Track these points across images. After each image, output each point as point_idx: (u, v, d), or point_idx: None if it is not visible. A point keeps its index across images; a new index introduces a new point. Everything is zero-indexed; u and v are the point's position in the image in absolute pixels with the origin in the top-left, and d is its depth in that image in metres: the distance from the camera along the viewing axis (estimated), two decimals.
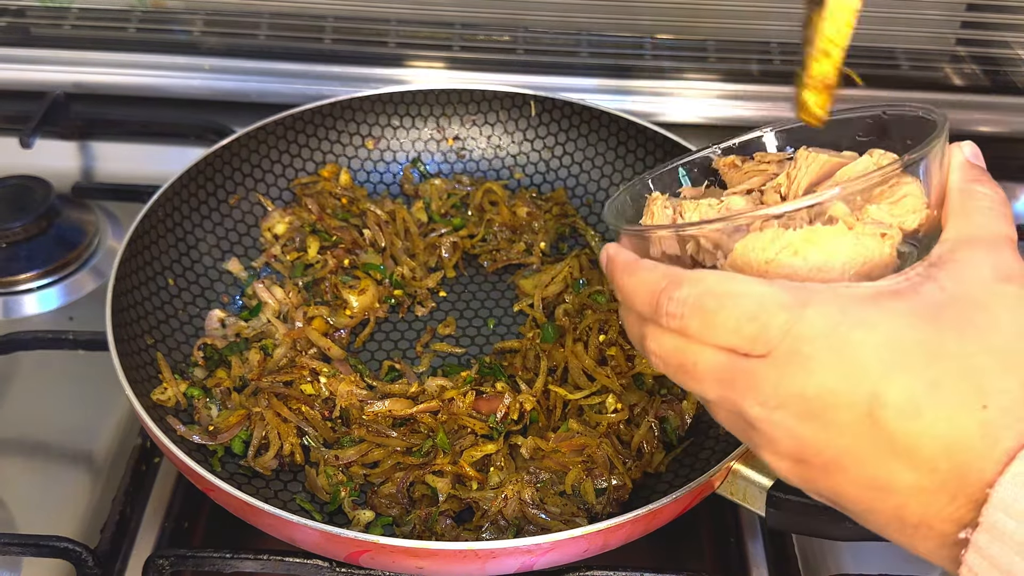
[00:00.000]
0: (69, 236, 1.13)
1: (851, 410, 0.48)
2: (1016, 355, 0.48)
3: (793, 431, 0.50)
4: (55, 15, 1.33)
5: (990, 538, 0.45)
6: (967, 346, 0.48)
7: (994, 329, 0.49)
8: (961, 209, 0.55)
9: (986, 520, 0.45)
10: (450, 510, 0.81)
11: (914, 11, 1.28)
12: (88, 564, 0.80)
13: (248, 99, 1.29)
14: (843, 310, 0.49)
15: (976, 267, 0.51)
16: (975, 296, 0.50)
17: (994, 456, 0.46)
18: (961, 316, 0.49)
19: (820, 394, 0.49)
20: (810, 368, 0.49)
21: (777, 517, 0.75)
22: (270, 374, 0.89)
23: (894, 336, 0.48)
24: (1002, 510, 0.45)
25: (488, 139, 1.15)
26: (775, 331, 0.50)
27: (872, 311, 0.49)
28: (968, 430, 0.47)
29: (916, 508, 0.49)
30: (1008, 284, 0.51)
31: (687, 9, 1.27)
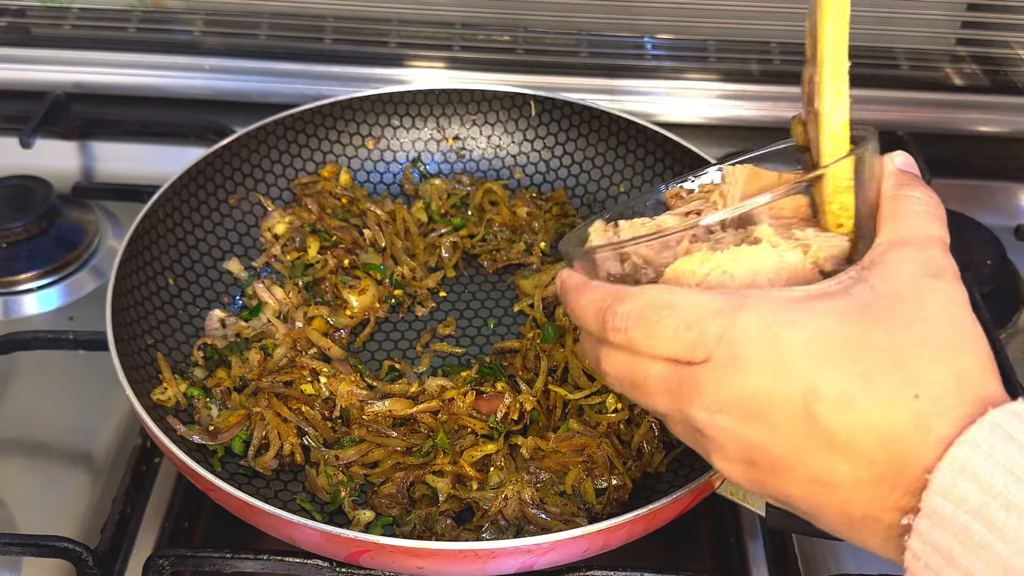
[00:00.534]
0: (69, 236, 1.13)
1: (788, 407, 0.50)
2: (946, 344, 0.49)
3: (737, 434, 0.52)
4: (55, 15, 1.33)
5: (931, 523, 0.46)
6: (896, 338, 0.49)
7: (923, 321, 0.50)
8: (892, 214, 0.56)
9: (926, 506, 0.46)
10: (450, 510, 0.81)
11: (914, 11, 1.28)
12: (88, 564, 0.80)
13: (248, 99, 1.29)
14: (774, 312, 0.51)
15: (906, 265, 0.53)
16: (904, 292, 0.51)
17: (929, 443, 0.47)
18: (890, 311, 0.50)
19: (757, 394, 0.50)
20: (746, 369, 0.50)
21: (777, 517, 0.75)
22: (270, 374, 0.89)
23: (824, 332, 0.50)
24: (940, 495, 0.46)
25: (488, 139, 1.15)
26: (711, 337, 0.51)
27: (802, 311, 0.51)
28: (901, 420, 0.48)
29: (860, 502, 0.50)
30: (938, 280, 0.52)
31: (687, 9, 1.27)
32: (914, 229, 0.55)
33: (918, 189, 0.58)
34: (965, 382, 0.49)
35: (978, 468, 0.45)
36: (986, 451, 0.46)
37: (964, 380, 0.49)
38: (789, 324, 0.50)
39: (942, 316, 0.50)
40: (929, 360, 0.49)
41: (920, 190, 0.58)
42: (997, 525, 0.44)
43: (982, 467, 0.45)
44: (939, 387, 0.48)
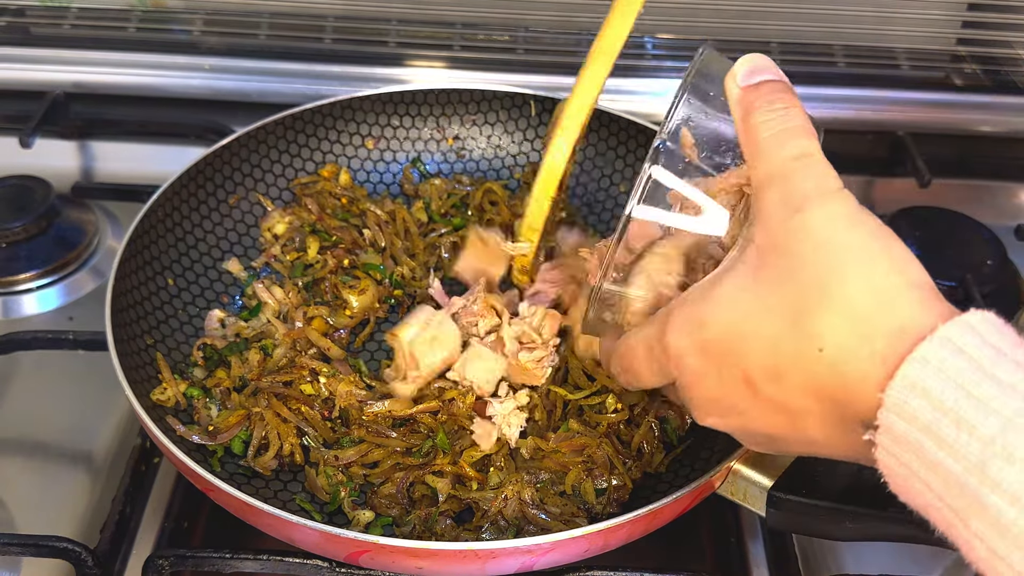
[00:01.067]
0: (69, 236, 1.13)
1: (742, 397, 0.55)
2: (826, 283, 0.50)
3: (729, 428, 0.59)
4: (55, 15, 1.33)
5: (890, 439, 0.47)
6: (785, 294, 0.51)
7: (801, 267, 0.51)
8: (749, 151, 0.56)
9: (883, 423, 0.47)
10: (450, 510, 0.81)
11: (915, 11, 1.28)
12: (88, 564, 0.79)
13: (248, 99, 1.29)
14: (687, 319, 0.56)
15: (772, 210, 0.53)
16: (778, 243, 0.52)
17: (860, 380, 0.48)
18: (774, 267, 0.52)
19: (718, 396, 0.56)
20: (698, 380, 0.57)
21: (777, 517, 0.74)
22: (270, 374, 0.89)
23: (729, 317, 0.54)
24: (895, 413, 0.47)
25: (488, 139, 1.15)
26: (665, 365, 0.59)
27: (708, 305, 0.55)
28: (822, 376, 0.50)
29: (839, 444, 0.53)
30: (800, 214, 0.52)
31: (687, 9, 1.27)
32: (769, 161, 0.54)
33: (762, 108, 0.55)
34: (862, 315, 0.49)
35: (928, 384, 0.45)
36: (936, 367, 0.45)
37: (859, 314, 0.49)
38: (703, 327, 0.55)
39: (813, 253, 0.50)
40: (817, 308, 0.50)
41: (765, 107, 0.55)
42: (948, 442, 0.44)
43: (932, 383, 0.45)
44: (836, 332, 0.49)
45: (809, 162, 0.53)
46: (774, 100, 0.55)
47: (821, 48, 1.31)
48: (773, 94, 0.55)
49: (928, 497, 0.46)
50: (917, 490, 0.47)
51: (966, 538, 0.44)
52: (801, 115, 0.55)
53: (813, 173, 0.53)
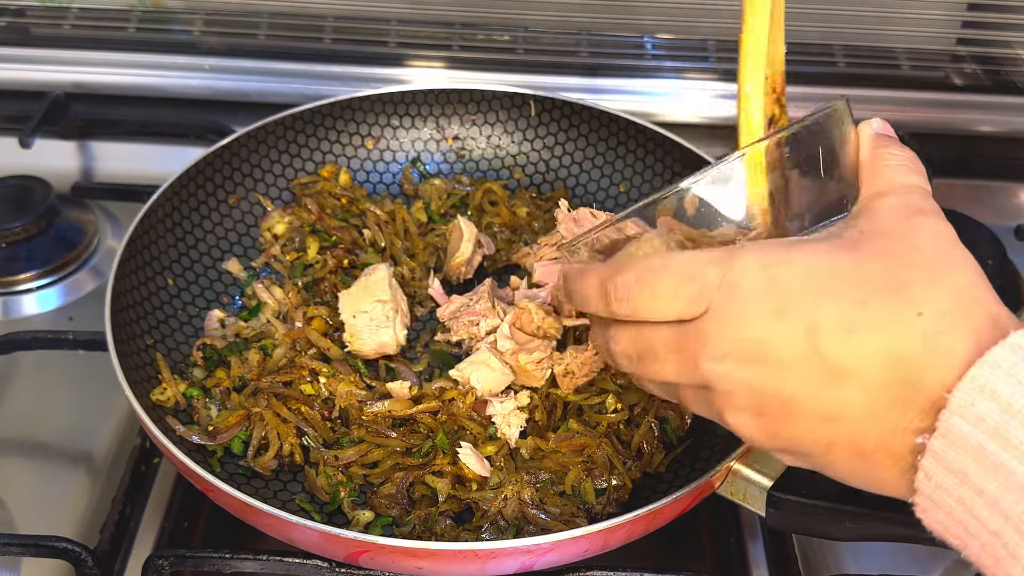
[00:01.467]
0: (69, 236, 1.13)
1: (791, 344, 0.50)
2: (938, 268, 0.50)
3: (744, 379, 0.52)
4: (55, 15, 1.33)
5: (946, 443, 0.46)
6: (889, 265, 0.50)
7: (913, 250, 0.51)
8: (871, 171, 0.58)
9: (943, 425, 0.46)
10: (450, 510, 0.81)
11: (914, 11, 1.28)
12: (87, 564, 0.79)
13: (248, 99, 1.29)
14: (767, 254, 0.52)
15: (889, 208, 0.54)
16: (890, 230, 0.53)
17: (943, 362, 0.48)
18: (879, 246, 0.52)
19: (761, 336, 0.51)
20: (747, 313, 0.51)
21: (777, 517, 0.74)
22: (270, 374, 0.89)
23: (818, 266, 0.51)
24: (959, 415, 0.46)
25: (488, 139, 1.15)
26: (710, 287, 0.52)
27: (795, 251, 0.52)
28: (909, 339, 0.48)
29: (871, 431, 0.50)
30: (922, 216, 0.54)
31: (687, 9, 1.27)
32: (893, 180, 0.57)
33: (895, 147, 0.59)
34: (965, 298, 0.50)
35: (998, 387, 0.46)
36: (1007, 371, 0.46)
37: (963, 296, 0.50)
38: (783, 263, 0.51)
39: (930, 245, 0.52)
40: (924, 283, 0.50)
41: (898, 148, 0.59)
42: (1014, 443, 0.44)
43: (1003, 387, 0.45)
44: (940, 303, 0.49)
45: (928, 194, 0.57)
46: (901, 148, 0.59)
47: (821, 48, 1.31)
48: (901, 146, 0.59)
49: (975, 507, 0.46)
50: (962, 503, 0.46)
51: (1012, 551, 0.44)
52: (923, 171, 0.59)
53: (931, 201, 0.56)
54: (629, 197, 1.09)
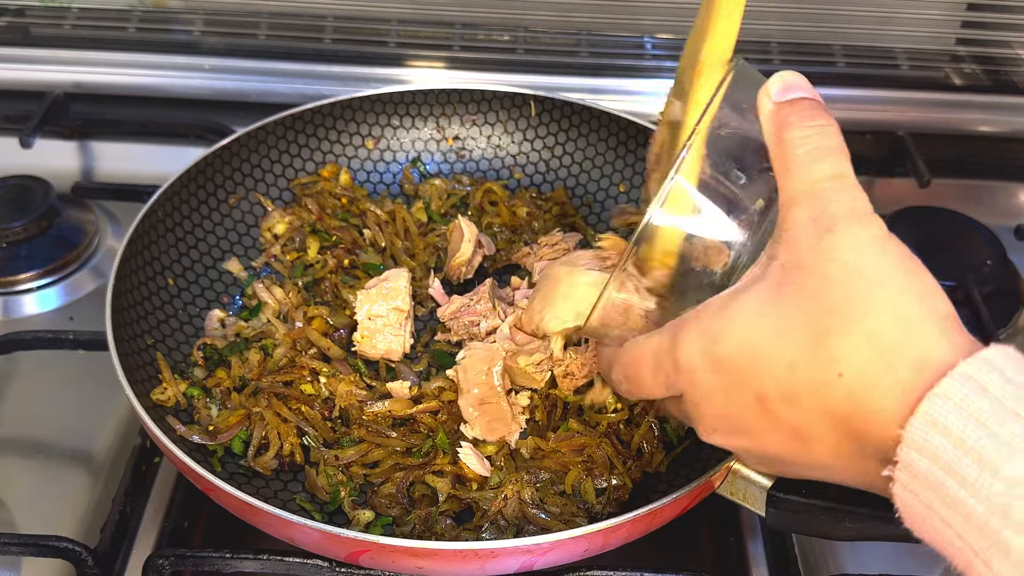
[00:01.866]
0: (69, 236, 1.13)
1: (755, 415, 0.53)
2: (852, 308, 0.49)
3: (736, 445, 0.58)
4: (55, 15, 1.33)
5: (909, 476, 0.47)
6: (809, 314, 0.50)
7: (827, 288, 0.50)
8: (780, 167, 0.55)
9: (902, 459, 0.47)
10: (450, 510, 0.81)
11: (914, 11, 1.28)
12: (88, 564, 0.80)
13: (248, 99, 1.29)
14: (701, 333, 0.55)
15: (800, 229, 0.52)
16: (804, 260, 0.51)
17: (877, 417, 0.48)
18: (798, 286, 0.51)
19: (731, 413, 0.55)
20: (710, 397, 0.56)
21: (777, 517, 0.74)
22: (270, 374, 0.89)
23: (747, 335, 0.52)
24: (915, 450, 0.46)
25: (488, 139, 1.15)
26: (672, 375, 0.57)
27: (725, 319, 0.54)
28: (839, 401, 0.49)
29: (849, 473, 0.53)
30: (830, 235, 0.51)
31: (687, 9, 1.27)
32: (801, 179, 0.53)
33: (795, 124, 0.54)
34: (883, 346, 0.48)
35: (949, 422, 0.45)
36: (957, 404, 0.45)
37: (880, 345, 0.48)
38: (717, 342, 0.54)
39: (841, 276, 0.50)
40: (840, 332, 0.49)
41: (799, 124, 0.54)
42: (970, 481, 0.44)
43: (953, 420, 0.45)
44: (857, 359, 0.48)
45: (842, 184, 0.52)
46: (809, 117, 0.54)
47: (821, 48, 1.31)
48: (809, 111, 0.55)
49: (947, 535, 0.45)
50: (936, 528, 0.46)
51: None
52: (837, 135, 0.54)
53: (846, 195, 0.52)
54: (629, 197, 1.09)
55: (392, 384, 0.88)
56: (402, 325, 0.92)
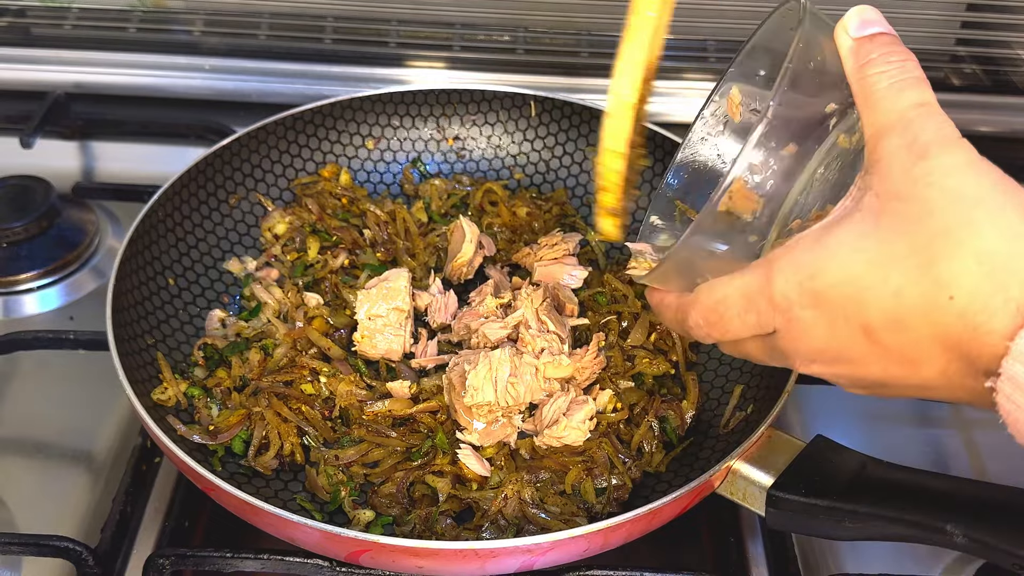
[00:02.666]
0: (69, 236, 1.13)
1: (859, 345, 0.54)
2: (958, 231, 0.49)
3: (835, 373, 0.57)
4: (55, 15, 1.33)
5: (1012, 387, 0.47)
6: (914, 241, 0.50)
7: (929, 214, 0.50)
8: (863, 98, 0.55)
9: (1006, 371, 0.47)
10: (450, 510, 0.81)
11: (914, 11, 1.28)
12: (88, 563, 0.80)
13: (248, 99, 1.29)
14: (798, 269, 0.54)
15: (894, 159, 0.52)
16: (902, 190, 0.52)
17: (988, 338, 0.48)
18: (898, 215, 0.51)
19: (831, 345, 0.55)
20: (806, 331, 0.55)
21: (777, 517, 0.75)
22: (270, 374, 0.89)
23: (846, 269, 0.52)
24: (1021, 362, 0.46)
25: (488, 139, 1.15)
26: (766, 314, 0.56)
27: (822, 253, 0.53)
28: (951, 326, 0.49)
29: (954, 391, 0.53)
30: (924, 161, 0.51)
31: (687, 9, 1.27)
32: (888, 111, 0.54)
33: (879, 60, 0.55)
34: (992, 268, 0.48)
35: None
36: None
37: (990, 266, 0.48)
38: (815, 276, 0.53)
39: (943, 200, 0.50)
40: (947, 256, 0.49)
41: (881, 58, 0.55)
42: None
43: None
44: (968, 281, 0.49)
45: (930, 110, 0.53)
46: (890, 52, 0.55)
47: None
48: (889, 46, 0.55)
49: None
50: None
51: None
52: (917, 67, 0.55)
53: (934, 121, 0.52)
54: None
55: (392, 384, 0.89)
56: (402, 325, 0.92)
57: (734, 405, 0.87)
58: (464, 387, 0.82)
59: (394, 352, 0.92)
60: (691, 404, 0.88)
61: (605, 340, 0.92)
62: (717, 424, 0.87)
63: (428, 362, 0.92)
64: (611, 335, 0.93)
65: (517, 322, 0.89)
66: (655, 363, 0.91)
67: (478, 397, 0.82)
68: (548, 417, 0.83)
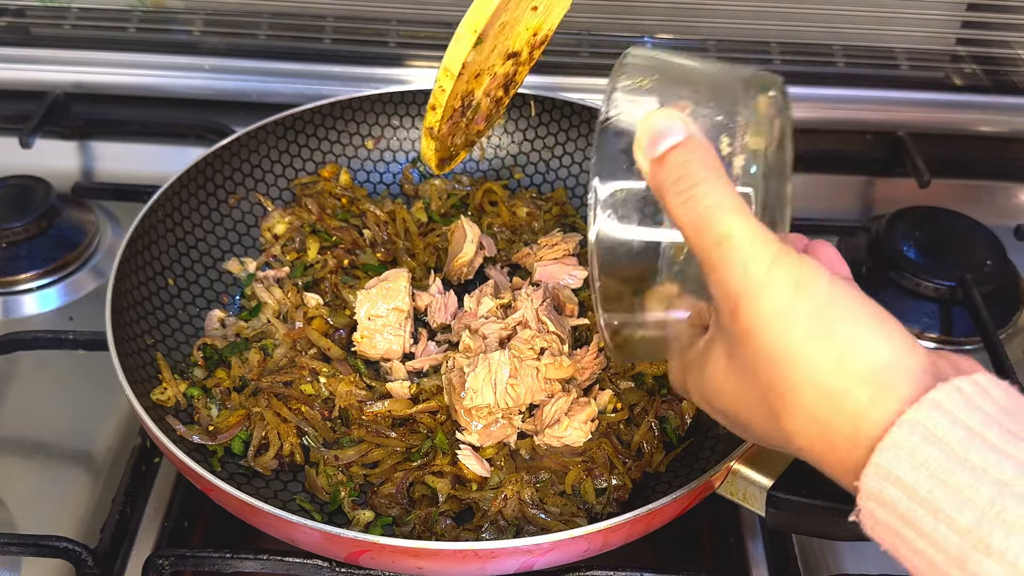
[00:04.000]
0: (69, 236, 1.13)
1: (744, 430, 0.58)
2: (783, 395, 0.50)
3: None
4: (55, 15, 1.33)
5: (873, 522, 0.47)
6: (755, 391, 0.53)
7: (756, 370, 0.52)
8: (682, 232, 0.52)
9: (863, 508, 0.47)
10: (450, 510, 0.81)
11: (914, 11, 1.28)
12: (88, 564, 0.80)
13: (248, 99, 1.29)
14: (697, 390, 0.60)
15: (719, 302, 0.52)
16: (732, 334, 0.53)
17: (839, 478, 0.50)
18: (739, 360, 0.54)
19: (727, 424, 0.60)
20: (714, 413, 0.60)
21: (777, 517, 0.74)
22: (270, 374, 0.89)
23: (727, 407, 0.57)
24: (873, 500, 0.46)
25: (488, 139, 1.15)
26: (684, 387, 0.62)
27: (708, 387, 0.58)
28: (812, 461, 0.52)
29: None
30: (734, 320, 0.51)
31: (687, 9, 1.27)
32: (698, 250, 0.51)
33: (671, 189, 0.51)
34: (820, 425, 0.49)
35: (901, 473, 0.44)
36: (907, 454, 0.44)
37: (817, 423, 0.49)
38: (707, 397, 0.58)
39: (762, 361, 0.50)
40: (783, 413, 0.50)
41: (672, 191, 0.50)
42: (927, 532, 0.44)
43: (905, 472, 0.44)
44: (806, 438, 0.50)
45: (728, 248, 0.48)
46: (680, 180, 0.49)
47: (821, 48, 1.31)
48: (678, 170, 0.50)
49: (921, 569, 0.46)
50: (909, 562, 0.46)
51: None
52: (712, 188, 0.49)
53: (735, 260, 0.48)
54: None
55: (392, 384, 0.88)
56: (401, 325, 0.92)
57: None
58: (464, 388, 0.82)
59: (394, 352, 0.92)
60: (691, 404, 0.88)
61: None
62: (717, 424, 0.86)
63: (424, 363, 0.92)
64: None
65: (517, 322, 0.89)
66: (655, 363, 0.91)
67: (477, 400, 0.82)
68: (549, 417, 0.83)
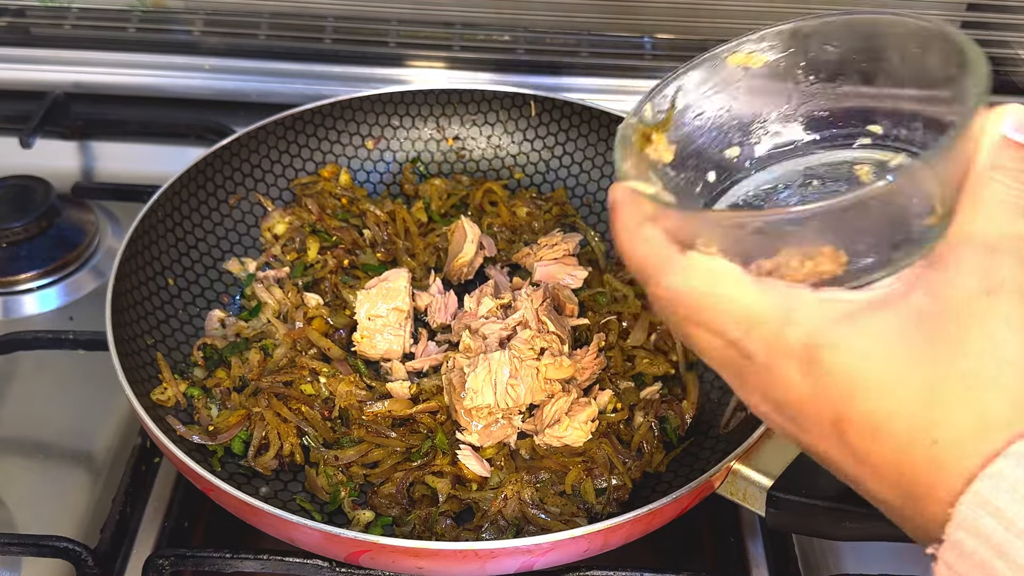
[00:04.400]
0: (69, 236, 1.13)
1: (819, 425, 0.50)
2: (978, 380, 0.46)
3: (779, 425, 0.53)
4: (55, 15, 1.33)
5: (955, 556, 0.45)
6: (935, 369, 0.47)
7: (964, 354, 0.47)
8: (972, 200, 0.51)
9: (949, 539, 0.45)
10: (450, 510, 0.81)
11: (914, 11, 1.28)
12: (88, 564, 0.80)
13: (248, 99, 1.29)
14: (818, 331, 0.49)
15: (966, 274, 0.48)
16: (953, 311, 0.48)
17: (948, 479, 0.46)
18: (936, 333, 0.48)
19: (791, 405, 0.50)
20: (782, 381, 0.50)
21: (777, 517, 0.75)
22: (270, 374, 0.89)
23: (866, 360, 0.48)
24: (963, 530, 0.44)
25: (488, 139, 1.15)
26: (755, 341, 0.51)
27: (846, 330, 0.49)
28: (917, 460, 0.47)
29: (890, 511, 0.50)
30: (992, 296, 0.47)
31: (687, 9, 1.27)
32: (986, 226, 0.49)
33: (1012, 170, 0.50)
34: (989, 423, 0.46)
35: (1001, 503, 0.43)
36: (1010, 485, 0.44)
37: (988, 420, 0.46)
38: (829, 347, 0.49)
39: (982, 345, 0.47)
40: (956, 400, 0.46)
41: (1014, 172, 0.50)
42: (1020, 564, 0.42)
43: (1006, 502, 0.43)
44: (959, 430, 0.46)
45: (1021, 246, 0.49)
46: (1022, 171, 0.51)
47: None
48: None
49: None
50: None
51: None
52: None
53: (1018, 267, 0.48)
54: None
55: (392, 384, 0.88)
56: (401, 325, 0.92)
57: (734, 406, 0.87)
58: (464, 388, 0.82)
59: (394, 352, 0.92)
60: (691, 404, 0.88)
61: (605, 340, 0.92)
62: (717, 424, 0.87)
63: (424, 363, 0.92)
64: (611, 335, 0.93)
65: (517, 323, 0.89)
66: (655, 363, 0.91)
67: (477, 400, 0.82)
68: (549, 417, 0.83)
